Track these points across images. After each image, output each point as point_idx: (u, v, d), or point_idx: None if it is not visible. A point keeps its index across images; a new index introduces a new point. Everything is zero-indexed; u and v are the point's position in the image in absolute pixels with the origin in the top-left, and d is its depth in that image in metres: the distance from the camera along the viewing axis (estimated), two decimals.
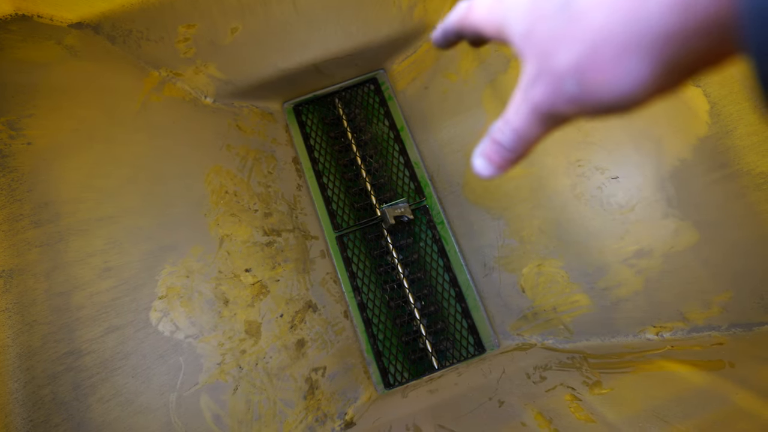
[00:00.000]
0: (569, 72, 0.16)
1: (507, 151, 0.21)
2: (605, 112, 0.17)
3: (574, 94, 0.16)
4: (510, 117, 0.20)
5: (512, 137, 0.20)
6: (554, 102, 0.17)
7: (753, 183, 0.51)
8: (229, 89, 0.77)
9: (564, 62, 0.16)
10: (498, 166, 0.22)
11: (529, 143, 0.20)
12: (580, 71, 0.16)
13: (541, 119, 0.19)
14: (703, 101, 0.54)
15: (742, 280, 0.52)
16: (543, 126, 0.19)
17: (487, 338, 0.72)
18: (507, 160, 0.21)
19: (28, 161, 0.52)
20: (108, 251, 0.54)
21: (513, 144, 0.20)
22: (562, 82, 0.17)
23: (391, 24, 0.79)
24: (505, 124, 0.20)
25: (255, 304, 0.63)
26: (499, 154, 0.21)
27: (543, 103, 0.18)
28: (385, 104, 0.86)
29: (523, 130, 0.20)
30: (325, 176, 0.82)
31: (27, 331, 0.46)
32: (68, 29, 0.60)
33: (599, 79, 0.15)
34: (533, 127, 0.19)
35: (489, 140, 0.22)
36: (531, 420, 0.51)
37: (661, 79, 0.14)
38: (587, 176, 0.63)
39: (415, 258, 0.78)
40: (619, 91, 0.15)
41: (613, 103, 0.16)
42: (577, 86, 0.16)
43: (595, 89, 0.16)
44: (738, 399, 0.43)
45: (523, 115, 0.19)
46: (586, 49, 0.15)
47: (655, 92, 0.15)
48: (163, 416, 0.51)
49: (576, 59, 0.16)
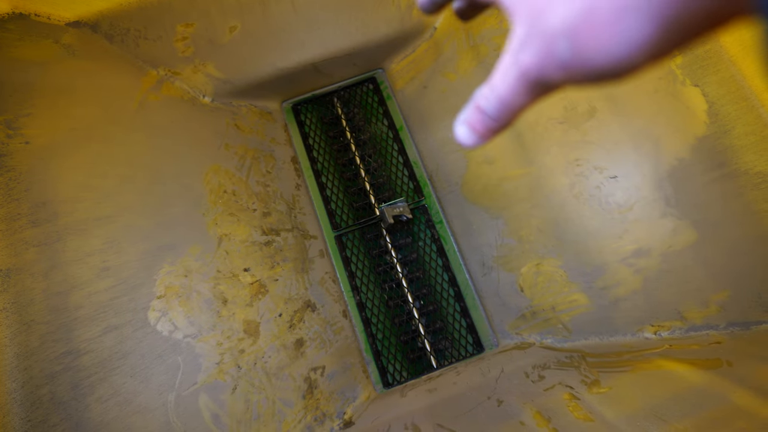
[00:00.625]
0: (562, 33, 0.15)
1: (491, 119, 0.20)
2: (596, 79, 0.15)
3: (566, 58, 0.15)
4: (496, 83, 0.19)
5: (497, 105, 0.19)
6: (544, 67, 0.16)
7: (751, 182, 0.51)
8: (228, 88, 0.77)
9: (557, 21, 0.15)
10: (481, 135, 0.21)
11: (515, 112, 0.19)
12: (574, 32, 0.15)
13: (529, 86, 0.18)
14: (701, 101, 0.54)
15: (740, 279, 0.53)
16: (530, 94, 0.18)
17: (486, 337, 0.72)
18: (490, 129, 0.20)
19: (26, 160, 0.52)
20: (106, 251, 0.54)
21: (498, 112, 0.19)
22: (554, 44, 0.15)
23: (390, 23, 0.79)
24: (491, 90, 0.19)
25: (254, 303, 0.63)
26: (482, 122, 0.20)
27: (532, 69, 0.17)
28: (383, 103, 0.86)
29: (510, 97, 0.18)
30: (323, 176, 0.82)
31: (25, 331, 0.46)
32: (66, 28, 0.60)
33: (594, 41, 0.14)
34: (520, 95, 0.18)
35: (473, 107, 0.20)
36: (530, 419, 0.51)
37: (661, 40, 0.13)
38: (586, 175, 0.63)
39: (413, 257, 0.78)
40: (615, 56, 0.14)
41: (606, 69, 0.15)
42: (570, 50, 0.15)
43: (590, 54, 0.14)
44: (736, 397, 0.43)
45: (510, 82, 0.18)
46: (583, 8, 0.14)
47: (653, 57, 0.14)
48: (162, 416, 0.51)
49: (570, 18, 0.15)
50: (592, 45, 0.14)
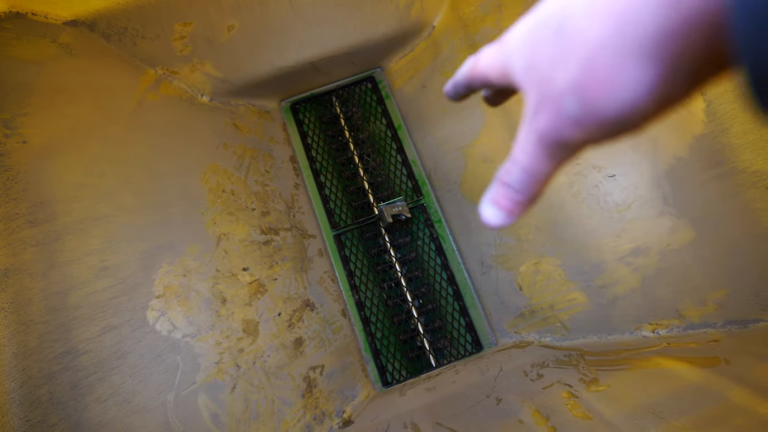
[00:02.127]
0: (569, 91, 0.15)
1: (518, 193, 0.19)
2: (613, 131, 0.15)
3: (576, 114, 0.15)
4: (517, 155, 0.19)
5: (522, 177, 0.19)
6: (558, 127, 0.16)
7: (748, 181, 0.51)
8: (226, 87, 0.77)
9: (563, 82, 0.16)
10: (509, 211, 0.20)
11: (541, 181, 0.19)
12: (579, 88, 0.15)
13: (549, 151, 0.17)
14: (699, 100, 0.54)
15: (738, 278, 0.53)
16: (552, 159, 0.18)
17: (485, 336, 0.73)
18: (519, 203, 0.19)
19: (24, 160, 0.52)
20: (104, 250, 0.54)
21: (523, 184, 0.19)
22: (562, 103, 0.16)
23: (389, 22, 0.79)
24: (513, 164, 0.19)
25: (252, 302, 0.63)
26: (509, 198, 0.19)
27: (547, 132, 0.17)
28: (382, 102, 0.86)
29: (532, 166, 0.18)
30: (322, 175, 0.82)
31: (23, 331, 0.46)
32: (63, 27, 0.60)
33: (600, 93, 0.14)
34: (542, 162, 0.18)
35: (497, 184, 0.20)
36: (528, 417, 0.51)
37: (665, 83, 0.13)
38: (584, 174, 0.64)
39: (412, 256, 0.78)
40: (622, 103, 0.14)
41: (618, 118, 0.15)
42: (579, 105, 0.15)
43: (597, 104, 0.15)
44: (733, 395, 0.43)
45: (530, 150, 0.18)
46: (583, 63, 0.15)
47: (661, 101, 0.14)
48: (161, 416, 0.51)
49: (573, 76, 0.15)
50: (599, 96, 0.14)
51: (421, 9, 0.79)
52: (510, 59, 0.19)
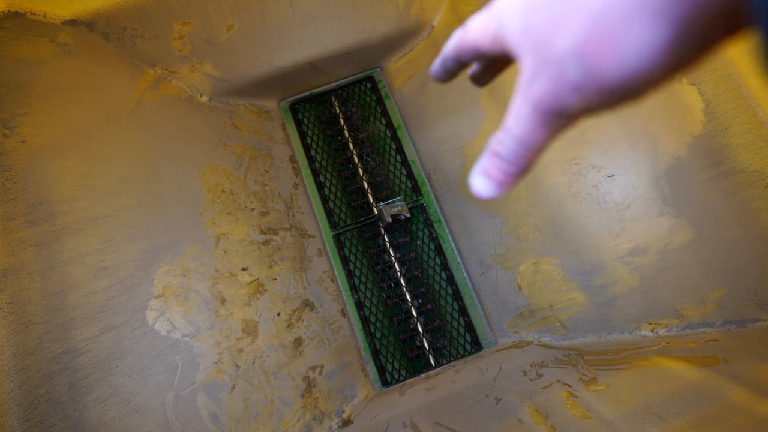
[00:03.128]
0: (571, 54, 0.14)
1: (509, 163, 0.18)
2: (613, 99, 0.15)
3: (578, 79, 0.14)
4: (509, 125, 0.18)
5: (514, 147, 0.18)
6: (557, 94, 0.15)
7: (747, 181, 0.51)
8: (225, 87, 0.77)
9: (564, 45, 0.14)
10: (500, 182, 0.19)
11: (534, 152, 0.18)
12: (582, 51, 0.14)
13: (545, 119, 0.17)
14: (698, 99, 0.54)
15: (736, 277, 0.53)
16: (547, 128, 0.17)
17: (484, 336, 0.73)
18: (510, 174, 0.19)
19: (22, 160, 0.52)
20: (103, 250, 0.54)
21: (515, 154, 0.18)
22: (564, 68, 0.15)
23: (388, 22, 0.79)
24: (505, 133, 0.18)
25: (252, 302, 0.63)
26: (500, 169, 0.19)
27: (545, 99, 0.16)
28: (381, 102, 0.86)
29: (526, 136, 0.17)
30: (321, 175, 0.82)
31: (22, 331, 0.46)
32: (62, 26, 0.60)
33: (605, 55, 0.13)
34: (536, 131, 0.17)
35: (487, 155, 0.19)
36: (528, 417, 0.51)
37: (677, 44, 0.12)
38: (583, 174, 0.64)
39: (412, 256, 0.78)
40: (630, 66, 0.13)
41: (622, 84, 0.14)
42: (582, 69, 0.14)
43: (602, 69, 0.14)
44: (732, 395, 0.43)
45: (524, 119, 0.17)
46: (588, 23, 0.13)
47: (670, 65, 0.13)
48: (160, 415, 0.51)
49: (577, 38, 0.14)
50: (604, 59, 0.14)
51: (421, 9, 0.79)
52: (503, 22, 0.18)
